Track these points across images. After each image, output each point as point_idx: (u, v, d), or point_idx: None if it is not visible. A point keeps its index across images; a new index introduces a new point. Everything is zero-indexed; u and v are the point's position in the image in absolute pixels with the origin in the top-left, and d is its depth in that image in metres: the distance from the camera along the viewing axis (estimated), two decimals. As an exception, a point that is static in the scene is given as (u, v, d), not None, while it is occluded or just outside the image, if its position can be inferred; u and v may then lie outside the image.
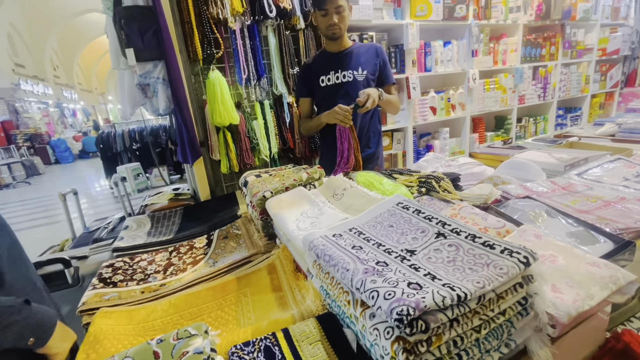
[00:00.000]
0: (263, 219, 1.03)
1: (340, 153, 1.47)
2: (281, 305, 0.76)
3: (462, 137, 2.97)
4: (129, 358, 0.45)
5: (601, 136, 1.83)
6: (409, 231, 0.61)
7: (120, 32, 1.30)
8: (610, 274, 0.54)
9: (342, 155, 1.47)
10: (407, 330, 0.39)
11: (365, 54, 1.62)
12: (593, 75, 3.70)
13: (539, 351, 0.50)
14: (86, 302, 0.84)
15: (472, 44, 2.70)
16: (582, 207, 0.93)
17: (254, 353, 0.51)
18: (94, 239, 1.45)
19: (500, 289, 0.46)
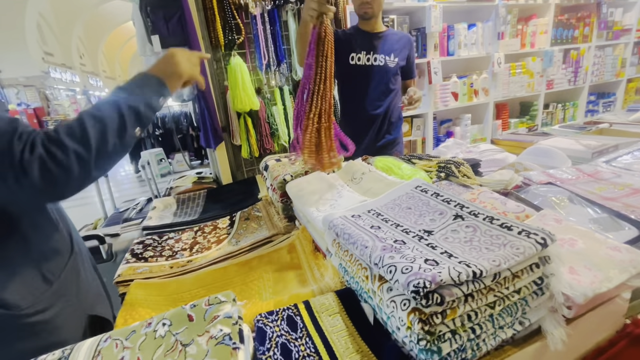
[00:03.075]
0: (283, 202, 1.07)
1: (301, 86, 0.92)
2: (301, 282, 0.80)
3: (484, 123, 2.89)
4: (167, 319, 0.50)
5: (635, 122, 1.74)
6: (427, 213, 0.63)
7: (146, 19, 1.34)
8: (630, 257, 0.54)
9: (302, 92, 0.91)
10: (423, 302, 0.41)
11: (399, 42, 1.60)
12: (630, 58, 3.47)
13: (553, 331, 0.51)
14: (121, 274, 0.91)
15: (499, 26, 2.59)
16: (608, 195, 0.91)
17: (278, 321, 0.54)
18: (124, 219, 1.55)
19: (516, 268, 0.47)
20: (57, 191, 0.59)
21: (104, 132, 0.61)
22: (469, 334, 0.45)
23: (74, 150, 0.57)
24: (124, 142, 0.65)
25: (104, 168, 0.64)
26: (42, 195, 0.59)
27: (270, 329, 0.53)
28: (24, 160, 0.53)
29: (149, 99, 0.68)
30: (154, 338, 0.48)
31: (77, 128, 0.59)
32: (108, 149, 0.62)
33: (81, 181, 0.60)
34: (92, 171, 0.60)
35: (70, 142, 0.57)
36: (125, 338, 0.49)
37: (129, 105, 0.65)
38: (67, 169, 0.56)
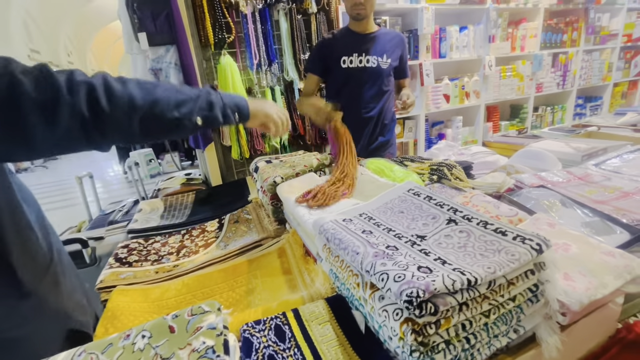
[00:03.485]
0: (273, 204, 1.04)
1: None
2: (291, 287, 0.77)
3: (475, 126, 2.91)
4: (146, 331, 0.47)
5: (622, 126, 1.77)
6: (420, 217, 0.61)
7: (133, 16, 1.30)
8: (625, 263, 0.53)
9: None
10: (417, 312, 0.39)
11: (391, 42, 1.58)
12: (617, 63, 3.54)
13: (548, 338, 0.50)
14: (104, 280, 0.88)
15: (490, 29, 2.62)
16: (599, 198, 0.91)
17: (265, 331, 0.52)
18: (110, 221, 1.50)
19: (511, 275, 0.45)
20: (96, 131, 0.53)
21: (169, 95, 0.58)
22: (463, 344, 0.44)
23: (129, 94, 0.53)
24: (178, 119, 0.60)
25: (146, 131, 0.58)
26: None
27: (257, 339, 0.51)
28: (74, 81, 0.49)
29: (228, 106, 0.67)
30: (132, 352, 0.45)
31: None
32: (155, 112, 0.57)
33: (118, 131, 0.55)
34: (135, 127, 0.56)
35: (127, 84, 0.54)
36: (101, 352, 0.46)
37: (208, 91, 0.65)
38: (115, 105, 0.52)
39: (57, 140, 0.50)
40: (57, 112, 0.48)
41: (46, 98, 0.47)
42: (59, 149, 0.54)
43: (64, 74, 0.50)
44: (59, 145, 0.52)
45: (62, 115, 0.48)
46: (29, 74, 0.47)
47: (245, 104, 0.71)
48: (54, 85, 0.48)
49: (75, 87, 0.50)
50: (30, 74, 0.47)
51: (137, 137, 0.58)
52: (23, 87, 0.45)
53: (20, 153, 0.51)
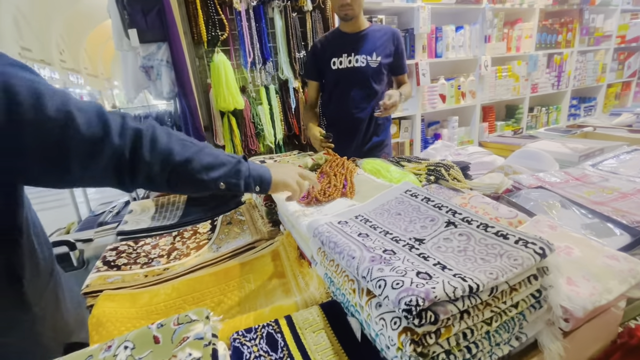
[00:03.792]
0: (267, 205, 1.02)
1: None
2: (284, 291, 0.75)
3: (471, 126, 2.91)
4: (129, 342, 0.44)
5: (618, 126, 1.77)
6: (418, 219, 0.59)
7: (123, 11, 1.27)
8: (629, 267, 0.51)
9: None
10: (416, 322, 0.37)
11: (382, 39, 1.55)
12: (610, 64, 3.57)
13: (550, 345, 0.48)
14: (90, 285, 0.84)
15: (486, 29, 2.61)
16: (597, 199, 0.90)
17: (256, 340, 0.49)
18: (99, 223, 1.46)
19: (514, 281, 0.43)
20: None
21: (198, 153, 0.62)
22: (464, 353, 0.42)
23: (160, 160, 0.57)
24: (204, 181, 0.64)
25: (172, 184, 0.62)
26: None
27: (248, 349, 0.48)
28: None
29: (252, 177, 0.71)
30: (113, 364, 0.42)
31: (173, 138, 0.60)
32: (187, 170, 0.61)
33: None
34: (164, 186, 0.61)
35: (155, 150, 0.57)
36: (80, 364, 0.43)
37: (239, 160, 0.69)
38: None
39: (90, 175, 0.52)
40: (100, 151, 0.51)
41: (95, 136, 0.50)
42: (85, 183, 0.56)
43: (117, 116, 0.54)
44: (88, 180, 0.54)
45: (104, 155, 0.51)
46: (85, 111, 0.49)
47: (268, 177, 0.74)
48: (106, 125, 0.51)
49: (125, 131, 0.53)
50: (85, 112, 0.49)
51: (162, 187, 0.61)
52: (76, 122, 0.47)
53: (48, 180, 0.52)
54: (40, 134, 0.45)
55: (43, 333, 0.61)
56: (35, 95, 0.44)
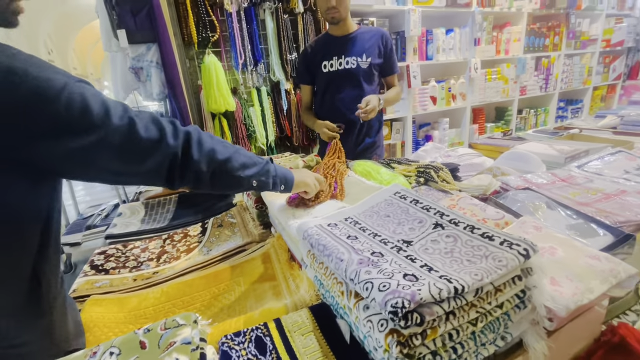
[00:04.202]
0: (258, 208, 1.01)
1: None
2: (275, 294, 0.75)
3: (461, 127, 2.94)
4: (115, 347, 0.44)
5: (603, 128, 1.81)
6: (406, 221, 0.60)
7: (112, 12, 1.25)
8: (610, 267, 0.53)
9: None
10: (402, 323, 0.38)
11: (370, 40, 1.56)
12: (596, 67, 3.65)
13: (535, 345, 0.49)
14: (77, 289, 0.83)
15: (475, 32, 2.65)
16: (582, 200, 0.92)
17: (245, 343, 0.49)
18: (87, 226, 1.44)
19: (499, 282, 0.44)
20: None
21: (234, 156, 0.67)
22: (450, 354, 0.42)
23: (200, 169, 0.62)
24: (241, 178, 0.69)
25: (214, 183, 0.67)
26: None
27: (236, 352, 0.48)
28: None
29: (279, 177, 0.77)
30: (98, 370, 0.42)
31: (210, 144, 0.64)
32: (227, 168, 0.66)
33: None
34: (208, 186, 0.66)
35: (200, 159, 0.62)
36: (64, 371, 0.43)
37: (268, 161, 0.76)
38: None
39: (144, 172, 0.57)
40: (157, 151, 0.56)
41: (153, 139, 0.55)
42: (138, 180, 0.61)
43: (168, 121, 0.59)
44: (140, 177, 0.59)
45: (160, 154, 0.57)
46: (141, 118, 0.55)
47: (292, 178, 0.81)
48: (161, 129, 0.57)
49: (177, 133, 0.59)
50: (142, 118, 0.55)
51: (206, 185, 0.65)
52: (136, 127, 0.53)
53: (97, 177, 0.56)
54: (109, 139, 0.51)
55: (53, 339, 0.61)
56: (105, 106, 0.51)
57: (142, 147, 0.55)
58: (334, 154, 1.18)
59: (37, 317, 0.57)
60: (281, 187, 0.78)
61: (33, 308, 0.56)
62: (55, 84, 0.45)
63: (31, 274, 0.55)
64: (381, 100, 1.46)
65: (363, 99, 1.39)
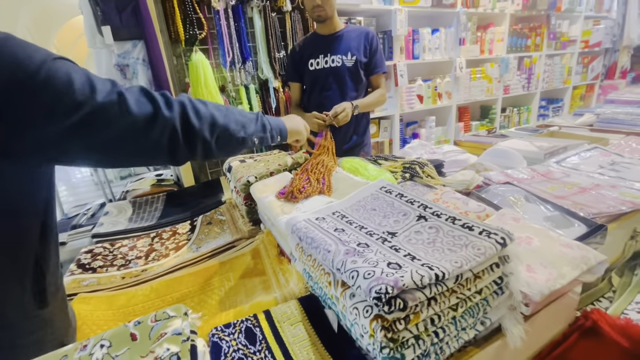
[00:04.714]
0: (247, 204, 1.02)
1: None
2: (265, 288, 0.76)
3: (447, 125, 3.00)
4: (105, 340, 0.44)
5: (580, 126, 1.88)
6: (391, 214, 0.62)
7: (96, 8, 1.23)
8: (582, 254, 0.56)
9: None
10: (386, 309, 0.40)
11: (356, 39, 1.58)
12: (575, 67, 3.77)
13: (512, 329, 0.52)
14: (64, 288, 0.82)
15: (460, 32, 2.71)
16: (559, 193, 0.96)
17: (235, 334, 0.50)
18: (73, 225, 1.41)
19: (477, 269, 0.47)
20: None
21: (231, 120, 0.66)
22: (432, 338, 0.44)
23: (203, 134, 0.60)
24: (244, 138, 0.69)
25: (220, 147, 0.66)
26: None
27: (227, 343, 0.49)
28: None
29: (274, 129, 0.78)
30: (89, 363, 0.42)
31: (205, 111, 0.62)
32: (229, 131, 0.65)
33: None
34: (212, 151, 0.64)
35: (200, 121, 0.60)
36: (54, 365, 0.43)
37: (261, 115, 0.76)
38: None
39: (143, 150, 0.55)
40: (153, 126, 0.53)
41: (147, 113, 0.52)
42: (136, 159, 0.59)
43: (158, 93, 0.57)
44: (141, 155, 0.57)
45: (157, 128, 0.54)
46: (132, 92, 0.52)
47: (285, 127, 0.82)
48: (154, 101, 0.54)
49: (170, 104, 0.56)
50: (132, 92, 0.53)
51: (214, 152, 0.64)
52: (127, 102, 0.50)
53: (97, 160, 0.55)
54: (97, 116, 0.48)
55: (53, 330, 0.61)
56: (90, 83, 0.47)
57: (135, 123, 0.52)
58: (325, 141, 1.19)
59: (40, 308, 0.57)
60: (277, 138, 0.79)
61: (37, 299, 0.56)
62: (33, 61, 0.43)
63: (34, 266, 0.54)
64: (355, 106, 1.48)
65: (333, 107, 1.41)
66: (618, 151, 1.26)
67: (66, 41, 13.48)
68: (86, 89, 0.47)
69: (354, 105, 1.48)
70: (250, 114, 0.73)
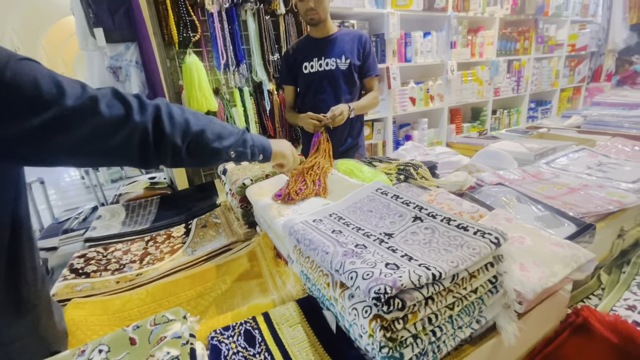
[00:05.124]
0: (243, 207, 1.02)
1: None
2: (262, 291, 0.76)
3: (439, 127, 3.04)
4: (104, 345, 0.44)
5: (568, 128, 1.93)
6: (387, 215, 0.62)
7: (88, 9, 1.22)
8: (572, 253, 0.58)
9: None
10: (385, 309, 0.40)
11: (349, 42, 1.59)
12: (562, 70, 3.86)
13: (507, 326, 0.53)
14: (57, 293, 0.81)
15: (451, 36, 2.75)
16: (549, 194, 0.98)
17: (234, 337, 0.51)
18: (64, 230, 1.39)
19: (473, 268, 0.48)
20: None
21: (207, 128, 0.65)
22: (430, 337, 0.45)
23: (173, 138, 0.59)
24: (218, 149, 0.67)
25: (191, 156, 0.64)
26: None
27: (226, 346, 0.49)
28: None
29: (257, 147, 0.77)
30: (87, 368, 0.42)
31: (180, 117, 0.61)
32: (203, 140, 0.64)
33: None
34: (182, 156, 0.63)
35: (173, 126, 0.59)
36: (52, 371, 0.42)
37: (244, 131, 0.74)
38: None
39: (111, 153, 0.54)
40: (124, 129, 0.53)
41: (118, 116, 0.52)
42: (104, 161, 0.58)
43: (132, 95, 0.56)
44: (109, 158, 0.56)
45: (128, 131, 0.53)
46: (103, 94, 0.52)
47: (269, 147, 0.81)
48: (126, 104, 0.53)
49: (144, 107, 0.56)
50: (103, 95, 0.52)
51: (183, 160, 0.63)
52: (99, 105, 0.50)
53: (66, 161, 0.54)
54: (67, 119, 0.47)
55: (39, 337, 0.59)
56: (57, 84, 0.47)
57: (106, 126, 0.51)
58: (322, 144, 1.18)
59: (20, 316, 0.56)
60: (259, 156, 0.78)
61: (13, 306, 0.55)
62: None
63: (6, 273, 0.53)
64: (352, 108, 1.49)
65: (331, 108, 1.42)
66: (605, 152, 1.30)
67: (55, 41, 13.17)
68: (53, 90, 0.46)
69: (351, 108, 1.49)
70: (234, 128, 0.73)
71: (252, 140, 0.75)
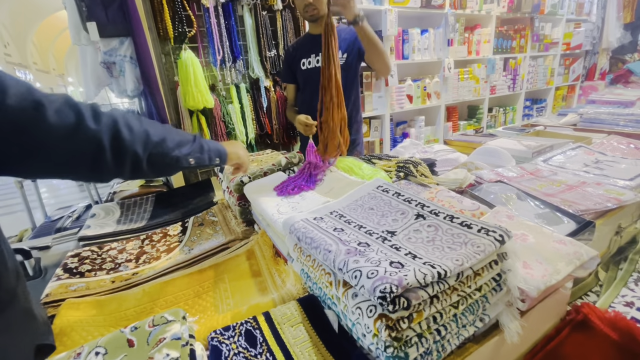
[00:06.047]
0: (241, 205, 1.01)
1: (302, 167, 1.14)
2: (261, 290, 0.75)
3: (436, 125, 3.04)
4: (101, 347, 0.42)
5: (564, 125, 1.94)
6: (389, 213, 0.62)
7: (80, 3, 1.19)
8: (574, 250, 0.57)
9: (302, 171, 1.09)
10: (390, 308, 0.39)
11: (348, 38, 1.58)
12: (557, 69, 3.88)
13: (509, 324, 0.53)
14: (51, 294, 0.79)
15: (448, 33, 2.74)
16: (548, 191, 0.98)
17: (235, 337, 0.50)
18: (57, 229, 1.36)
19: (477, 266, 0.47)
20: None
21: (166, 138, 0.64)
22: (434, 336, 0.45)
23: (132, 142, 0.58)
24: (178, 158, 0.67)
25: (151, 166, 0.63)
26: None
27: (227, 346, 0.48)
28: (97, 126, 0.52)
29: (212, 152, 0.77)
30: (84, 371, 0.41)
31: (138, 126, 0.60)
32: (164, 149, 0.63)
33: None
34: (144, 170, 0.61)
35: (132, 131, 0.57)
36: (47, 374, 0.41)
37: (199, 137, 0.74)
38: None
39: (59, 162, 0.51)
40: (73, 138, 0.50)
41: (67, 123, 0.49)
42: (54, 172, 0.54)
43: (86, 104, 0.54)
44: (59, 167, 0.52)
45: (78, 141, 0.51)
46: (53, 101, 0.49)
47: (224, 150, 0.81)
48: (78, 111, 0.51)
49: (98, 118, 0.53)
50: (53, 101, 0.49)
51: (143, 171, 0.61)
52: (44, 110, 0.47)
53: (15, 170, 0.50)
54: (7, 120, 0.44)
55: (17, 334, 0.57)
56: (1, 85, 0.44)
57: (51, 134, 0.48)
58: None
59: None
60: (216, 160, 0.78)
61: None
62: None
63: None
64: (362, 16, 1.38)
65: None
66: (601, 150, 1.31)
67: (46, 36, 12.85)
68: None
69: (361, 15, 1.37)
70: (188, 135, 0.73)
71: (207, 145, 0.75)
